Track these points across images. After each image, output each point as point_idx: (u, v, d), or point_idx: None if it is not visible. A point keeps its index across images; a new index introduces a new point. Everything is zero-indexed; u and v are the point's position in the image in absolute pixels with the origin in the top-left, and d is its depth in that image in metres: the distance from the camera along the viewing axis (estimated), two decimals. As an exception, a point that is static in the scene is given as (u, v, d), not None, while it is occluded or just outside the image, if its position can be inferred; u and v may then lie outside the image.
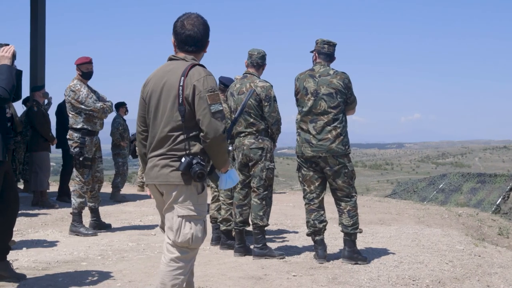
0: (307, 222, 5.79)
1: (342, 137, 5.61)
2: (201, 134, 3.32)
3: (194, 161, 3.29)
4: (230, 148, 3.68)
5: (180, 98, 3.31)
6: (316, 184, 5.74)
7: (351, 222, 5.68)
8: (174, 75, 3.39)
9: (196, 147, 3.36)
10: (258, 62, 6.02)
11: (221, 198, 6.35)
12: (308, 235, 5.86)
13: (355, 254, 5.69)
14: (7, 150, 4.42)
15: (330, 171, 5.64)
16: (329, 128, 5.60)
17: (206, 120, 3.27)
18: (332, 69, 5.76)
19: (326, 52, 5.81)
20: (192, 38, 3.47)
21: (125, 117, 11.51)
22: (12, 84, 4.27)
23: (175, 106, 3.34)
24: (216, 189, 6.55)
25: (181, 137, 3.34)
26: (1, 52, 4.35)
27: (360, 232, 5.78)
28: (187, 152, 3.33)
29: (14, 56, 4.42)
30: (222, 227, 6.30)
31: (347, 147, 5.66)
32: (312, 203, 5.75)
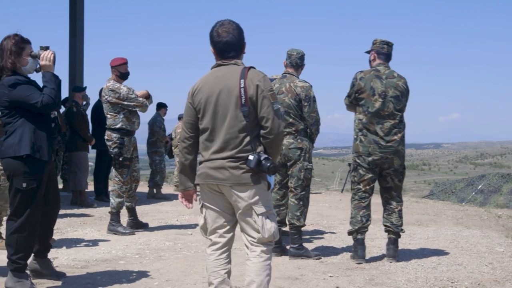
0: (353, 218, 5.74)
1: (404, 139, 5.73)
2: (264, 131, 3.44)
3: (262, 157, 3.41)
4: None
5: (243, 99, 3.41)
6: (371, 185, 5.76)
7: (400, 222, 5.76)
8: (231, 78, 3.48)
9: (259, 147, 3.48)
10: (297, 62, 6.01)
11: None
12: (350, 233, 5.81)
13: (397, 253, 5.76)
14: (52, 150, 4.51)
15: (393, 171, 5.69)
16: (395, 130, 5.65)
17: (270, 117, 3.41)
18: (395, 71, 5.77)
19: (385, 52, 5.80)
20: (229, 44, 3.57)
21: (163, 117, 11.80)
22: (56, 92, 4.38)
23: (237, 108, 3.44)
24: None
25: (247, 138, 3.45)
26: (43, 60, 4.44)
27: (404, 231, 5.84)
28: (254, 152, 3.44)
29: (54, 61, 4.51)
30: None
31: (405, 148, 5.80)
32: (363, 201, 5.74)
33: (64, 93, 10.76)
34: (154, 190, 11.49)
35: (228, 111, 3.47)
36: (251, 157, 3.41)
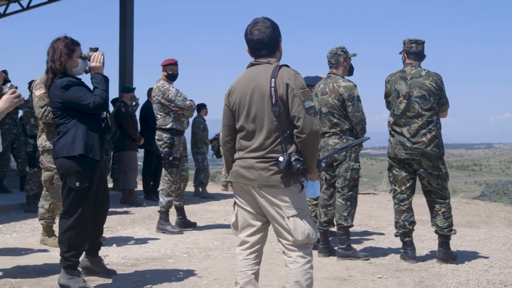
0: (396, 222, 5.71)
1: (437, 140, 5.54)
2: (296, 130, 3.36)
3: (293, 159, 3.34)
4: (322, 164, 3.72)
5: (274, 99, 3.37)
6: (408, 184, 5.67)
7: (446, 223, 5.61)
8: (262, 78, 3.44)
9: (292, 147, 3.40)
10: (330, 61, 5.98)
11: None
12: (396, 236, 5.78)
13: (449, 255, 5.63)
14: (103, 150, 4.59)
15: (424, 173, 5.58)
16: (424, 131, 5.52)
17: (301, 115, 3.32)
18: (424, 69, 5.65)
19: (415, 51, 5.71)
20: (260, 42, 3.52)
21: (204, 117, 11.86)
22: (106, 93, 4.47)
23: (268, 108, 3.39)
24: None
25: (278, 138, 3.39)
26: (93, 61, 4.52)
27: (455, 233, 5.70)
28: (284, 153, 3.38)
29: (104, 62, 4.60)
30: None
31: (441, 149, 5.60)
32: (402, 203, 5.67)
33: (114, 93, 10.95)
34: (200, 189, 11.60)
35: (260, 111, 3.43)
36: (281, 158, 3.35)
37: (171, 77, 7.39)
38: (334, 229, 6.09)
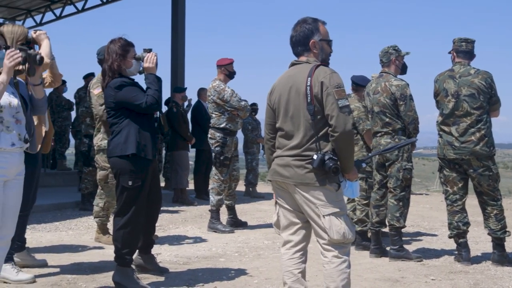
0: (450, 224, 5.61)
1: (486, 138, 5.42)
2: (329, 129, 3.36)
3: (326, 157, 3.33)
4: (364, 165, 3.68)
5: (309, 98, 3.38)
6: (460, 185, 5.57)
7: (499, 226, 5.47)
8: (300, 77, 3.46)
9: (327, 146, 3.40)
10: (382, 60, 5.92)
11: (356, 199, 6.29)
12: (450, 237, 5.69)
13: (504, 258, 5.49)
14: (155, 149, 4.66)
15: (474, 173, 5.46)
16: (472, 130, 5.41)
17: (334, 114, 3.32)
18: (473, 68, 5.55)
19: (464, 50, 5.61)
20: (293, 41, 3.60)
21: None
22: (159, 93, 4.52)
23: (304, 106, 3.40)
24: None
25: (313, 137, 3.40)
26: (146, 62, 4.58)
27: (509, 235, 5.54)
28: (319, 151, 3.37)
29: (157, 63, 4.66)
30: (358, 228, 6.23)
31: (491, 148, 5.46)
32: (455, 204, 5.58)
33: (166, 94, 11.09)
34: (250, 189, 11.65)
35: (296, 110, 3.45)
36: (315, 157, 3.35)
37: (231, 75, 7.45)
38: (386, 229, 6.02)
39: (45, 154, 5.11)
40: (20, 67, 3.65)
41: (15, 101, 3.66)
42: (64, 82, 11.49)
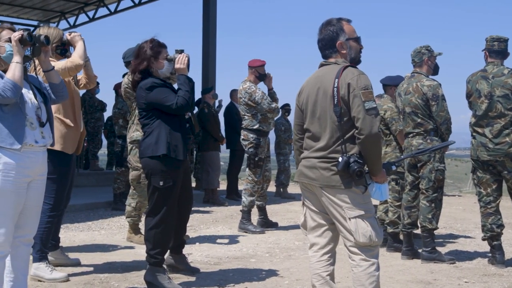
0: (483, 226, 5.54)
1: None
2: (356, 131, 3.33)
3: (351, 160, 3.30)
4: (393, 167, 3.65)
5: (336, 99, 3.35)
6: (493, 187, 5.50)
7: None
8: (327, 78, 3.44)
9: (353, 149, 3.37)
10: (414, 60, 5.86)
11: (388, 200, 6.24)
12: (483, 239, 5.62)
13: None
14: (187, 150, 4.68)
15: (508, 175, 5.40)
16: (507, 131, 5.35)
17: (360, 116, 3.29)
18: (507, 68, 5.48)
19: (497, 49, 5.54)
20: (320, 45, 3.57)
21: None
22: (190, 94, 4.54)
23: (331, 108, 3.38)
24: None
25: (339, 139, 3.38)
26: (178, 63, 4.61)
27: None
28: (344, 154, 3.34)
29: (189, 64, 4.68)
30: (389, 229, 6.18)
31: None
32: (488, 206, 5.50)
33: (198, 94, 11.14)
34: (281, 189, 11.65)
35: (323, 112, 3.42)
36: (340, 159, 3.32)
37: (261, 77, 7.45)
38: (418, 231, 5.96)
39: (78, 155, 5.16)
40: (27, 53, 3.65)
41: (34, 98, 3.69)
42: (97, 83, 11.62)
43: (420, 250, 5.77)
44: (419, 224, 5.80)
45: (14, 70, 3.49)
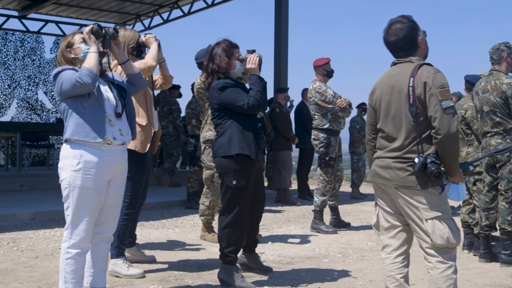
0: None
1: None
2: (433, 131, 3.26)
3: (428, 160, 3.23)
4: (471, 167, 3.56)
5: (411, 99, 3.29)
6: None
7: None
8: (402, 77, 3.37)
9: (429, 149, 3.30)
10: (493, 57, 5.66)
11: (475, 201, 6.05)
12: None
13: None
14: (259, 149, 4.71)
15: None
16: None
17: (437, 116, 3.22)
18: None
19: None
20: (395, 45, 3.48)
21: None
22: (261, 94, 4.54)
23: (406, 108, 3.32)
24: (467, 192, 6.23)
25: (415, 139, 3.31)
26: (249, 63, 4.63)
27: None
28: (421, 154, 3.28)
29: (260, 64, 4.69)
30: (476, 231, 5.98)
31: None
32: None
33: (270, 94, 11.19)
34: (352, 189, 11.57)
35: (398, 111, 3.36)
36: (416, 160, 3.24)
37: (329, 75, 7.43)
38: (497, 233, 5.78)
39: (153, 154, 5.27)
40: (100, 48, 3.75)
41: (112, 96, 3.78)
42: (178, 87, 11.84)
43: (498, 253, 5.59)
44: (497, 226, 5.62)
45: (89, 59, 3.61)
